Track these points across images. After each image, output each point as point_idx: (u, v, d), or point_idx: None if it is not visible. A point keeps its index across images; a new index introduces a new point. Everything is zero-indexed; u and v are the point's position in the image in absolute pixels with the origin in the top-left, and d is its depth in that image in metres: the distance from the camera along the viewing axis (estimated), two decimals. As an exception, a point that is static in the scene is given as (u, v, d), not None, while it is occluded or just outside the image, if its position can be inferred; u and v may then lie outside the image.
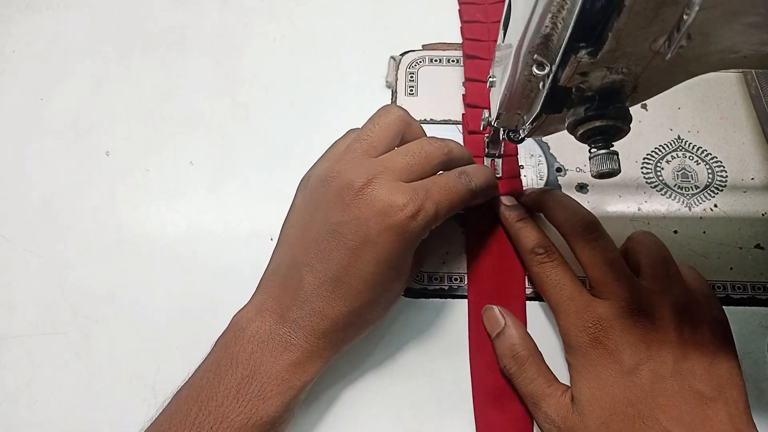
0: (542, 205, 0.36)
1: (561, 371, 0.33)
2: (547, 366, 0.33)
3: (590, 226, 0.33)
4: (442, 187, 0.31)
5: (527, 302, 0.36)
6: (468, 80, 0.43)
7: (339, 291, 0.30)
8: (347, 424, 0.33)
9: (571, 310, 0.31)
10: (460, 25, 0.47)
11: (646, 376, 0.29)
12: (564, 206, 0.35)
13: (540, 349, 0.33)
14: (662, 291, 0.31)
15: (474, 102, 0.42)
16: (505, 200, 0.37)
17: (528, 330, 0.35)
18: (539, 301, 0.36)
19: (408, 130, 0.34)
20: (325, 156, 0.35)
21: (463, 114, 0.43)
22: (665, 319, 0.30)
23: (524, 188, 0.39)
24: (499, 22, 0.30)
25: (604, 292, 0.31)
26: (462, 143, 0.41)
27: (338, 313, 0.30)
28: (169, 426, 0.28)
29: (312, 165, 0.34)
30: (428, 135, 0.34)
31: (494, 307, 0.35)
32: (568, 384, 0.32)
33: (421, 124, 0.41)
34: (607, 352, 0.30)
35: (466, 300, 0.36)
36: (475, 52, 0.44)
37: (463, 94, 0.44)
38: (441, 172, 0.33)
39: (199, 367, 0.30)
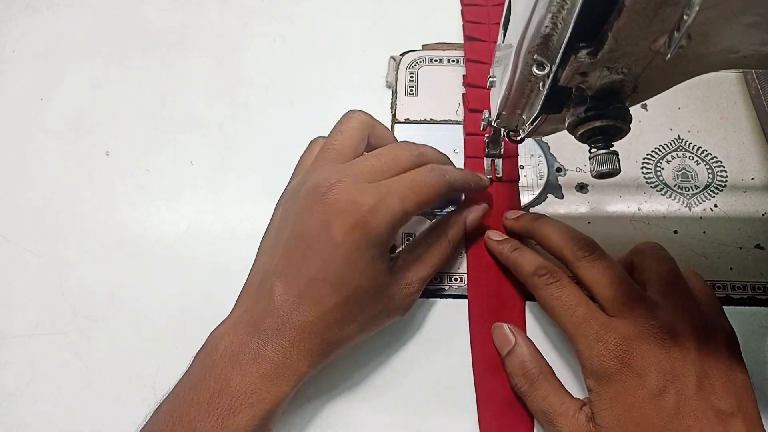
0: (534, 231, 0.35)
1: (564, 377, 0.33)
2: (559, 382, 0.32)
3: (589, 246, 0.32)
4: (408, 182, 0.31)
5: (528, 302, 0.36)
6: (469, 85, 0.43)
7: (305, 297, 0.29)
8: (347, 424, 0.33)
9: (591, 333, 0.29)
10: (461, 23, 0.47)
11: (672, 399, 0.28)
12: (559, 230, 0.34)
13: (539, 349, 0.33)
14: (676, 307, 0.30)
15: (474, 107, 0.42)
16: (493, 236, 0.37)
17: (528, 330, 0.35)
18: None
19: (373, 132, 0.34)
20: (296, 170, 0.36)
21: (464, 109, 0.43)
22: (685, 335, 0.29)
23: (506, 213, 0.38)
24: (500, 23, 0.30)
25: (619, 310, 0.30)
26: (462, 143, 0.41)
27: (305, 320, 0.29)
28: None
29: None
30: (427, 135, 0.35)
31: (504, 325, 0.34)
32: (580, 398, 0.31)
33: (421, 124, 0.41)
34: (633, 374, 0.28)
35: (466, 300, 0.36)
36: (476, 55, 0.44)
37: (463, 94, 0.44)
38: None
39: (179, 381, 0.30)
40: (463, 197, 0.39)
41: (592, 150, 0.25)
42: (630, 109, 0.25)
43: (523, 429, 0.33)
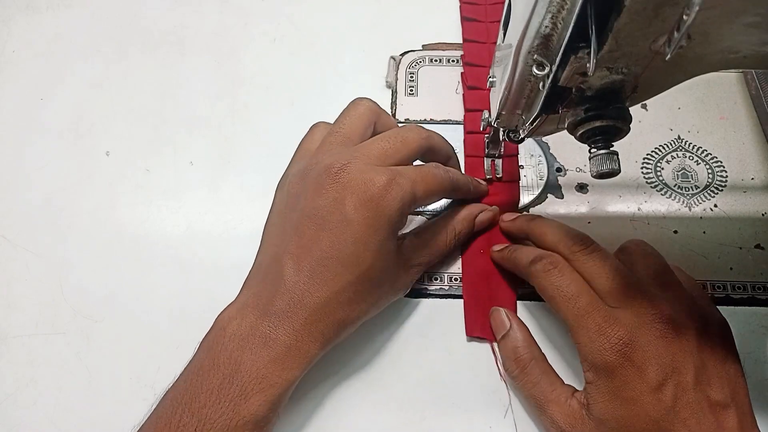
0: (530, 231, 0.35)
1: (562, 371, 0.33)
2: (552, 368, 0.32)
3: (585, 240, 0.32)
4: (418, 171, 0.32)
5: (527, 302, 0.36)
6: (469, 88, 0.43)
7: (317, 276, 0.29)
8: (345, 423, 0.33)
9: (593, 326, 0.29)
10: (460, 21, 0.47)
11: (671, 392, 0.28)
12: (554, 227, 0.34)
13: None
14: (673, 298, 0.30)
15: (473, 106, 0.42)
16: (495, 247, 0.37)
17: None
18: (539, 301, 0.36)
19: (379, 120, 0.35)
20: (298, 155, 0.36)
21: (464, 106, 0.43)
22: (684, 326, 0.29)
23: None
24: (499, 21, 0.30)
25: (619, 301, 0.30)
26: (462, 143, 0.41)
27: (317, 301, 0.29)
28: (154, 429, 0.27)
29: (286, 167, 0.35)
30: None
31: (501, 309, 0.35)
32: (572, 384, 0.32)
33: (421, 124, 0.41)
34: (633, 368, 0.28)
35: (463, 300, 0.36)
36: (474, 60, 0.44)
37: (463, 98, 0.44)
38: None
39: (185, 369, 0.30)
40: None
41: (592, 150, 0.25)
42: (630, 109, 0.25)
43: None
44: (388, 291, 0.33)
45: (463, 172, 0.40)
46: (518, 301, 0.36)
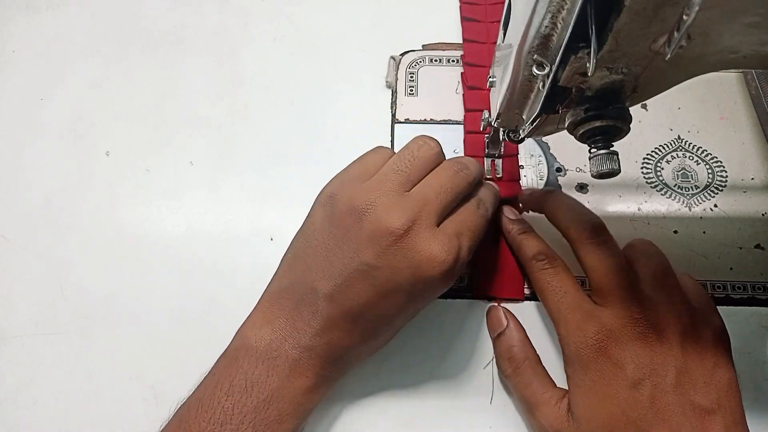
0: (545, 206, 0.35)
1: (558, 376, 0.33)
2: (545, 371, 0.32)
3: (597, 229, 0.32)
4: (470, 230, 0.31)
5: (528, 302, 0.36)
6: (469, 88, 0.43)
7: (358, 326, 0.30)
8: (345, 423, 0.33)
9: (573, 320, 0.30)
10: (460, 22, 0.47)
11: (648, 391, 0.28)
12: (569, 207, 0.34)
13: (539, 351, 0.33)
14: (665, 301, 0.30)
15: (473, 106, 0.42)
16: (508, 213, 0.37)
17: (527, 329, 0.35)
18: (535, 300, 0.36)
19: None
20: (351, 172, 0.32)
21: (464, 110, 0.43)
22: (669, 329, 0.29)
23: (524, 189, 0.39)
24: (499, 21, 0.30)
25: (607, 298, 0.30)
26: (462, 143, 0.41)
27: (354, 346, 0.30)
28: None
29: (335, 176, 0.33)
30: (428, 135, 0.34)
31: (499, 308, 0.35)
32: (566, 388, 0.31)
33: (421, 124, 0.41)
34: (610, 362, 0.28)
35: (467, 300, 0.36)
36: (474, 60, 0.44)
37: (463, 98, 0.44)
38: None
39: (207, 381, 0.29)
40: None
41: (592, 150, 0.25)
42: (630, 109, 0.25)
43: (514, 283, 0.36)
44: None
45: None
46: (523, 302, 0.36)
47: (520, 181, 0.40)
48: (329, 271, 0.30)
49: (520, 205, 0.38)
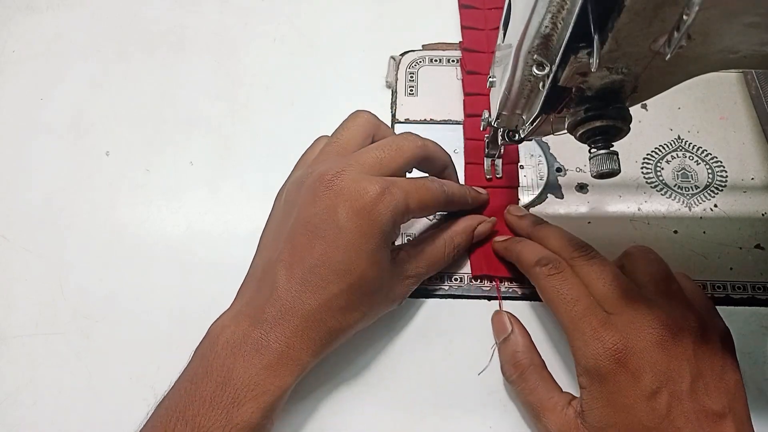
0: (533, 235, 0.36)
1: (563, 380, 0.33)
2: (550, 376, 0.32)
3: (585, 247, 0.32)
4: (412, 183, 0.32)
5: (527, 302, 0.36)
6: (468, 94, 0.43)
7: (309, 284, 0.29)
8: (345, 423, 0.33)
9: (588, 331, 0.29)
10: (459, 23, 0.47)
11: (665, 400, 0.27)
12: (556, 235, 0.34)
13: (543, 356, 0.33)
14: (671, 305, 0.30)
15: (473, 111, 0.42)
16: (515, 211, 0.38)
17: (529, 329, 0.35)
18: (538, 301, 0.36)
19: (377, 132, 0.35)
20: (297, 165, 0.36)
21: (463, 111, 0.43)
22: (682, 334, 0.29)
23: (513, 208, 0.38)
24: (498, 28, 0.31)
25: (617, 307, 0.29)
26: (461, 142, 0.41)
27: (309, 308, 0.29)
28: None
29: (287, 178, 0.35)
30: (427, 135, 0.35)
31: (504, 313, 0.35)
32: (571, 392, 0.31)
33: (421, 124, 0.41)
34: (627, 374, 0.28)
35: (466, 300, 0.36)
36: (475, 68, 0.44)
37: (463, 103, 0.43)
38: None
39: (179, 377, 0.30)
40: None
41: (592, 150, 0.25)
42: (630, 109, 0.25)
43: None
44: (381, 301, 0.32)
45: (462, 178, 0.40)
46: (524, 301, 0.36)
47: (520, 182, 0.40)
48: (279, 241, 0.31)
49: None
